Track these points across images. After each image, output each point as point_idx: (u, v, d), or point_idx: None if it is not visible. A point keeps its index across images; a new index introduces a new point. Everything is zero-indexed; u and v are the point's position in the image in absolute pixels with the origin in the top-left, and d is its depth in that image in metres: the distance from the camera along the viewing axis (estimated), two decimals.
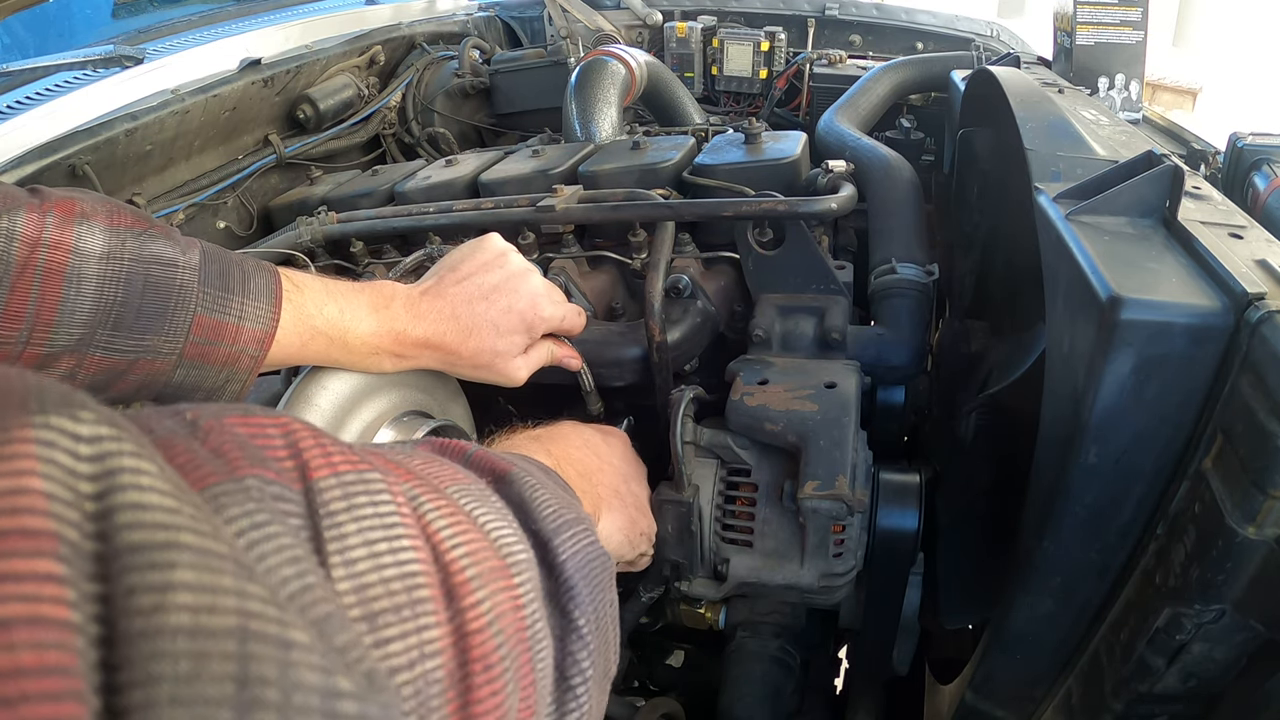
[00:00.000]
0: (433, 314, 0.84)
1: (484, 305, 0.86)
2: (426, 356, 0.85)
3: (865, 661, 1.27)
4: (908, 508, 1.00)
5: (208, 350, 0.72)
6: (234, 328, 0.72)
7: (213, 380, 0.74)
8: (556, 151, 1.44)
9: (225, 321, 0.72)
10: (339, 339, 0.79)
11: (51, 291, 0.64)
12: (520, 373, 0.91)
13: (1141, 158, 0.74)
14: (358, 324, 0.80)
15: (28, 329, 0.64)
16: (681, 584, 1.06)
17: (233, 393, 0.76)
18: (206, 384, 0.74)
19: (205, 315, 0.71)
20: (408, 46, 2.17)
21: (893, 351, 1.11)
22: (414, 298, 0.85)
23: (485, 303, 0.86)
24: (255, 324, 0.73)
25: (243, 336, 0.73)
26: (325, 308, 0.78)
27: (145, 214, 0.72)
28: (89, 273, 0.65)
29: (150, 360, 0.70)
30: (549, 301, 0.93)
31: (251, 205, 1.67)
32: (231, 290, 0.72)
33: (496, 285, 0.88)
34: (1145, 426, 0.64)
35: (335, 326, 0.78)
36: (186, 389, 0.73)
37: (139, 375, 0.70)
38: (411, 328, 0.83)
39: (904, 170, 1.33)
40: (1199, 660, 0.65)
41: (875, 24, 2.24)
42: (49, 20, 1.89)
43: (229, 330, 0.72)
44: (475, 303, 0.86)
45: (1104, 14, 1.36)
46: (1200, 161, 1.20)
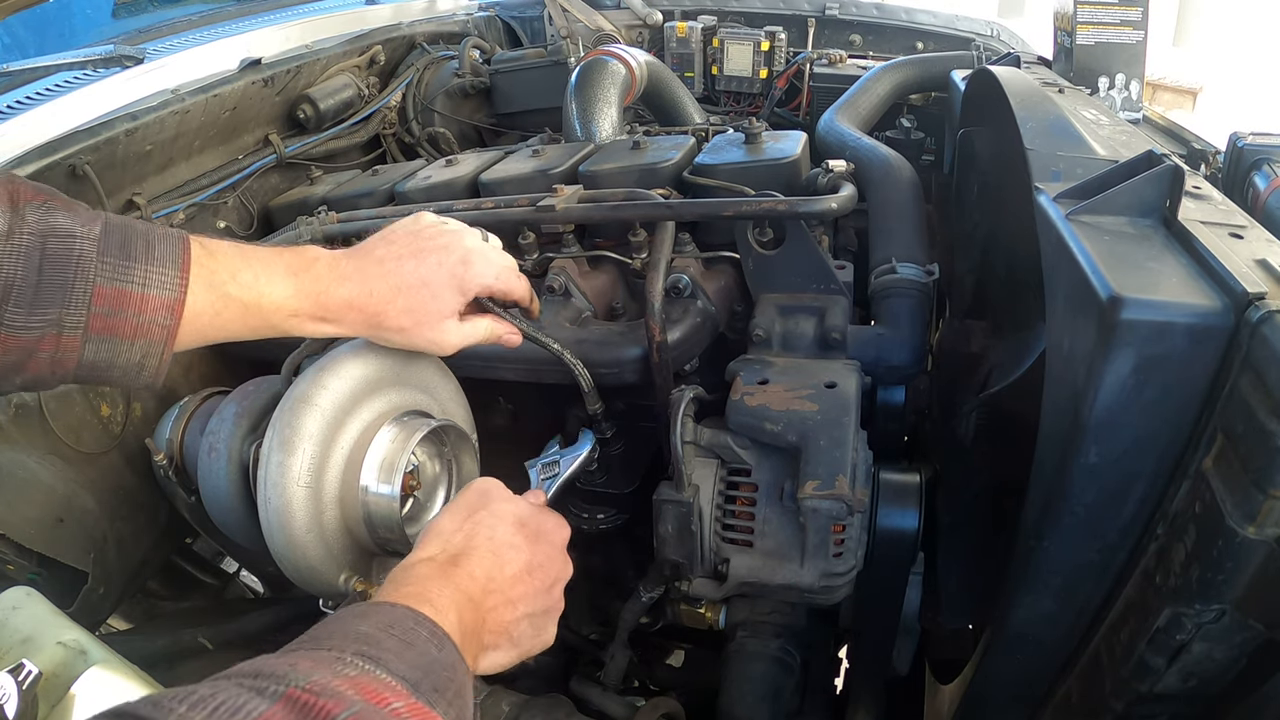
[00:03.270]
0: (357, 274, 0.81)
1: (413, 263, 0.83)
2: (351, 319, 0.82)
3: (865, 661, 1.27)
4: (908, 508, 1.00)
5: (113, 322, 0.70)
6: (138, 296, 0.70)
7: (127, 356, 0.71)
8: (556, 151, 1.44)
9: (128, 290, 0.70)
10: (254, 304, 0.76)
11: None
12: (450, 337, 0.87)
13: (1141, 158, 0.74)
14: (273, 288, 0.77)
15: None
16: (681, 584, 1.06)
17: (150, 369, 0.73)
18: (121, 360, 0.71)
19: (105, 285, 0.69)
20: (408, 46, 2.17)
21: (893, 351, 1.11)
22: (338, 259, 0.82)
23: (414, 260, 0.84)
24: (161, 290, 0.71)
25: (149, 305, 0.70)
26: (240, 273, 0.76)
27: (49, 188, 0.71)
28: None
29: (56, 335, 0.68)
30: (484, 259, 0.88)
31: (251, 205, 1.67)
32: (133, 258, 0.70)
33: (427, 243, 0.86)
34: (1145, 426, 0.64)
35: (250, 291, 0.76)
36: (101, 367, 0.71)
37: (48, 352, 0.68)
38: (334, 288, 0.80)
39: (904, 170, 1.33)
40: (1199, 660, 0.65)
41: (875, 24, 2.24)
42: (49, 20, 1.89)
43: (133, 299, 0.70)
44: (404, 260, 0.83)
45: (1104, 14, 1.36)
46: (1200, 161, 1.20)
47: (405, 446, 0.89)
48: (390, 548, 0.93)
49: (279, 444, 0.85)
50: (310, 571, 0.88)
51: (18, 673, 0.68)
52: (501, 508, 0.78)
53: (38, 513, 1.10)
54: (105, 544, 1.17)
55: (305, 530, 0.86)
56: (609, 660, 1.30)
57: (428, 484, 0.97)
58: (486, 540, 0.74)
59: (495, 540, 0.74)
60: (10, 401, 1.08)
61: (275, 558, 0.88)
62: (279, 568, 0.89)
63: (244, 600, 1.62)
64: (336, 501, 0.89)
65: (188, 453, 1.16)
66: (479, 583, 0.70)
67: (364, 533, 0.91)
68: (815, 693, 1.25)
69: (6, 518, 1.07)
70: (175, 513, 1.23)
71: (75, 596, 1.12)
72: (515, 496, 0.82)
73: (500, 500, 0.79)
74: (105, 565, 1.16)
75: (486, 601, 0.70)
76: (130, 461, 1.24)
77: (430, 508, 0.98)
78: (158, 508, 1.26)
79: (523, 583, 0.74)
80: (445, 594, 0.64)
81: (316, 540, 0.88)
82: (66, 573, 1.14)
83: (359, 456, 0.89)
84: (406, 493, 0.91)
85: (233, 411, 1.04)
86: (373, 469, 0.89)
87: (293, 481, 0.85)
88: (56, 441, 1.15)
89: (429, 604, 0.61)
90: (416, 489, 0.95)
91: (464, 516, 0.76)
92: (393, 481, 0.89)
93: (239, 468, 1.01)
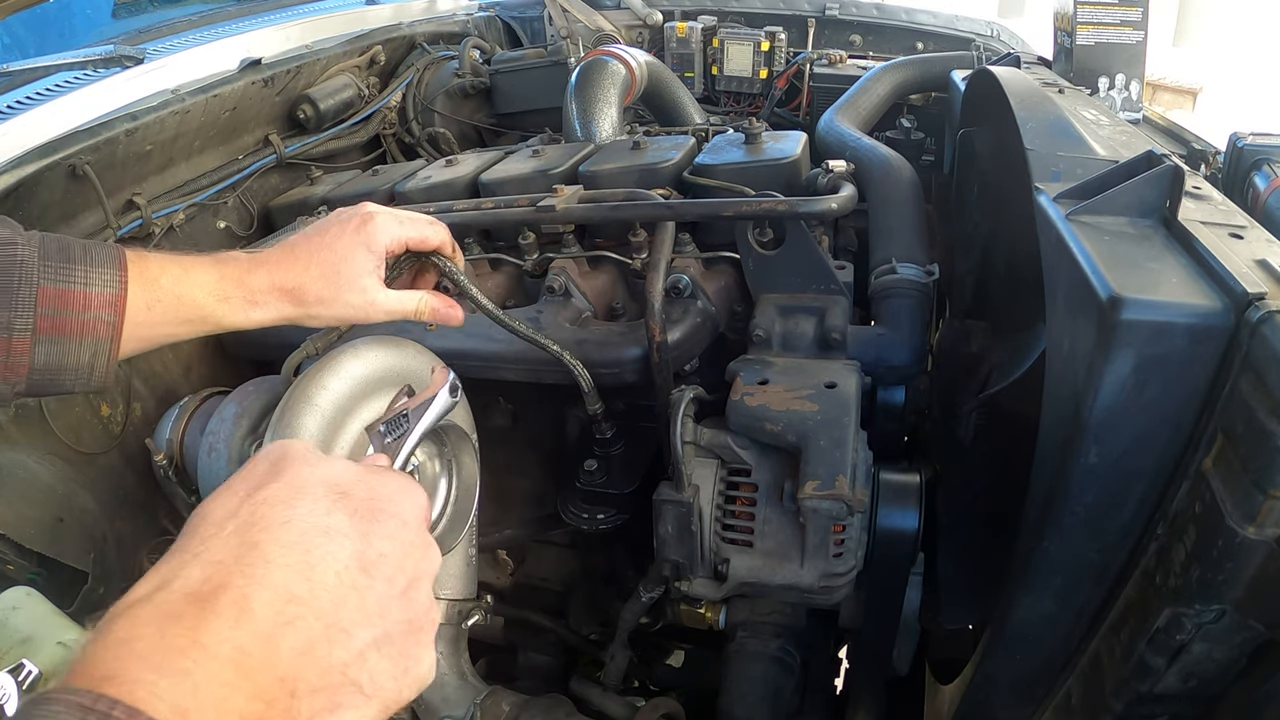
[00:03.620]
0: (271, 259, 0.86)
1: (318, 237, 0.88)
2: (275, 301, 0.86)
3: (865, 661, 1.27)
4: (908, 508, 1.00)
5: (60, 321, 0.73)
6: (81, 295, 0.74)
7: (77, 356, 0.75)
8: (556, 151, 1.44)
9: (70, 290, 0.73)
10: (186, 295, 0.80)
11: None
12: (376, 298, 0.88)
13: (1141, 158, 0.74)
14: (200, 276, 0.81)
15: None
16: (681, 584, 1.06)
17: (100, 369, 0.76)
18: (71, 362, 0.75)
19: (49, 286, 0.72)
20: (408, 46, 2.17)
21: (893, 351, 1.11)
22: (254, 251, 0.88)
23: (319, 235, 0.88)
24: (102, 288, 0.75)
25: (92, 302, 0.74)
26: (168, 267, 0.80)
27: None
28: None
29: (6, 339, 0.71)
30: (386, 214, 0.90)
31: (251, 205, 1.67)
32: (73, 260, 0.74)
33: (329, 220, 0.90)
34: (1145, 426, 0.64)
35: (179, 283, 0.80)
36: (53, 370, 0.74)
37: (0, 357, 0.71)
38: (253, 274, 0.84)
39: (904, 170, 1.33)
40: (1199, 660, 0.65)
41: (875, 24, 2.24)
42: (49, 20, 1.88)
43: (76, 298, 0.74)
44: (310, 238, 0.88)
45: (1104, 14, 1.36)
46: (1200, 161, 1.20)
47: None
48: None
49: None
50: None
51: (18, 673, 0.68)
52: (303, 474, 0.50)
53: (38, 513, 1.10)
54: (105, 544, 1.17)
55: None
56: (609, 660, 1.30)
57: (428, 484, 0.97)
58: (279, 529, 0.45)
59: (294, 526, 0.45)
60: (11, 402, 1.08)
61: None
62: None
63: None
64: None
65: (188, 453, 1.16)
66: (268, 614, 0.41)
67: None
68: (815, 693, 1.25)
69: (6, 518, 1.07)
70: (175, 513, 1.23)
71: (75, 596, 1.12)
72: (328, 457, 0.53)
73: (301, 464, 0.51)
74: (105, 565, 1.16)
75: (287, 642, 0.41)
76: (130, 461, 1.24)
77: (430, 508, 0.97)
78: (158, 508, 1.26)
79: (355, 590, 0.45)
80: (174, 661, 0.38)
81: None
82: (66, 573, 1.14)
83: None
84: None
85: (233, 411, 1.04)
86: None
87: None
88: (56, 441, 1.15)
89: (123, 685, 0.36)
90: None
91: (241, 499, 0.48)
92: None
93: (239, 467, 1.01)
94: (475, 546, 1.09)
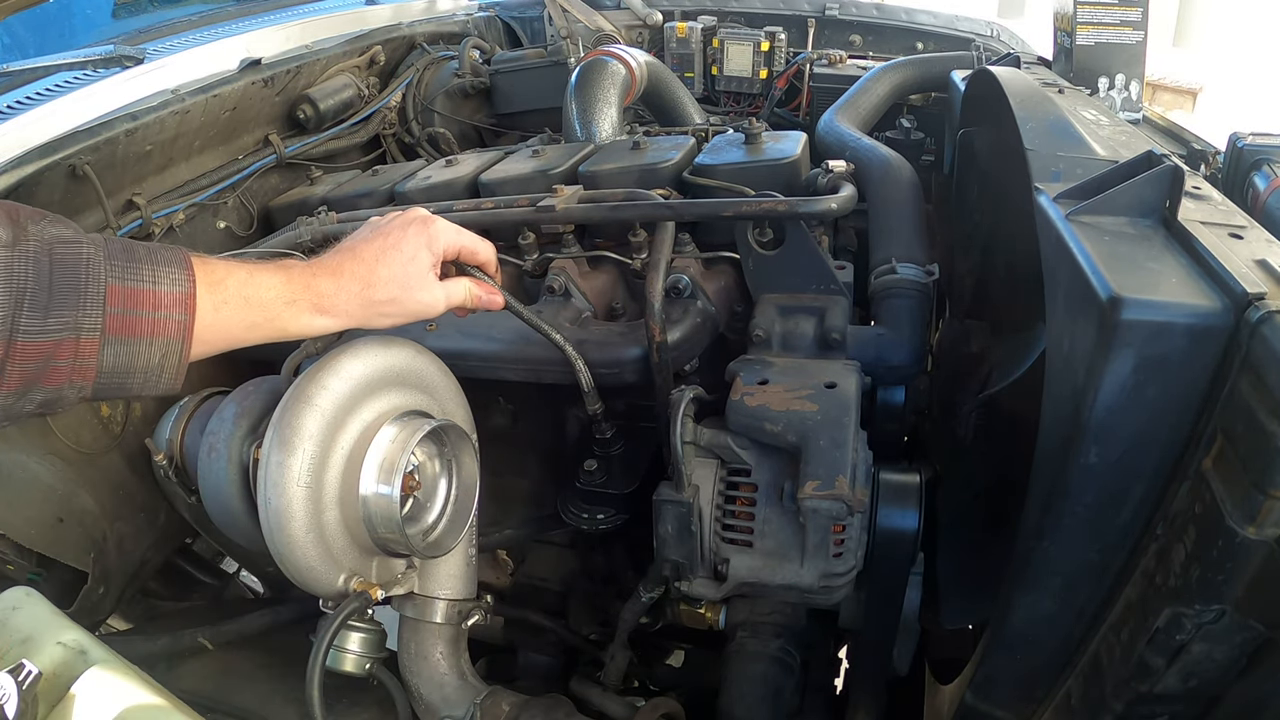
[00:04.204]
0: (334, 264, 0.86)
1: (379, 238, 0.89)
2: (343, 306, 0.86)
3: (865, 661, 1.27)
4: (908, 508, 1.00)
5: (130, 320, 0.71)
6: (150, 293, 0.72)
7: (146, 357, 0.72)
8: (556, 151, 1.44)
9: (140, 288, 0.71)
10: (254, 298, 0.79)
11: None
12: (438, 294, 0.90)
13: (1141, 158, 0.74)
14: (266, 279, 0.81)
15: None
16: (681, 584, 1.06)
17: (170, 370, 0.74)
18: (140, 363, 0.72)
19: (117, 284, 0.70)
20: (408, 46, 2.17)
21: (893, 351, 1.11)
22: (315, 258, 0.88)
23: (380, 236, 0.89)
24: (172, 286, 0.73)
25: (163, 301, 0.72)
26: (234, 270, 0.79)
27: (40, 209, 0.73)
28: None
29: (74, 340, 0.68)
30: (442, 220, 0.94)
31: (251, 205, 1.67)
32: (139, 260, 0.72)
33: (384, 222, 0.92)
34: (1145, 426, 0.64)
35: (246, 286, 0.79)
36: (121, 372, 0.72)
37: (66, 360, 0.68)
38: (320, 276, 0.84)
39: (904, 170, 1.33)
40: (1199, 660, 0.65)
41: (875, 24, 2.24)
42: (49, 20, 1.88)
43: (146, 296, 0.72)
44: (370, 240, 0.89)
45: (1104, 14, 1.36)
46: (1200, 161, 1.20)
47: (405, 446, 0.89)
48: (390, 548, 0.93)
49: (279, 444, 0.85)
50: (310, 571, 0.88)
51: (18, 673, 0.68)
52: None
53: (38, 513, 1.10)
54: (105, 544, 1.17)
55: (305, 530, 0.86)
56: (609, 660, 1.30)
57: (428, 484, 0.97)
58: None
59: None
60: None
61: (275, 558, 0.88)
62: (279, 568, 0.89)
63: (244, 600, 1.62)
64: (336, 502, 0.89)
65: (188, 453, 1.16)
66: None
67: (364, 533, 0.91)
68: (815, 693, 1.25)
69: (6, 518, 1.07)
70: (175, 513, 1.23)
71: (75, 596, 1.13)
72: None
73: None
74: (105, 565, 1.17)
75: None
76: (130, 461, 1.24)
77: (430, 508, 0.98)
78: (158, 508, 1.26)
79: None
80: None
81: (316, 540, 0.88)
82: (66, 573, 1.14)
83: (359, 456, 0.89)
84: (406, 493, 0.91)
85: (233, 411, 1.04)
86: (373, 469, 0.89)
87: (292, 481, 0.85)
88: (56, 441, 1.15)
89: None
90: (416, 489, 0.95)
91: None
92: (393, 482, 0.88)
93: (239, 468, 1.01)
94: (475, 546, 1.09)
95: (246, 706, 1.10)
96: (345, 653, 0.99)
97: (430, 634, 1.04)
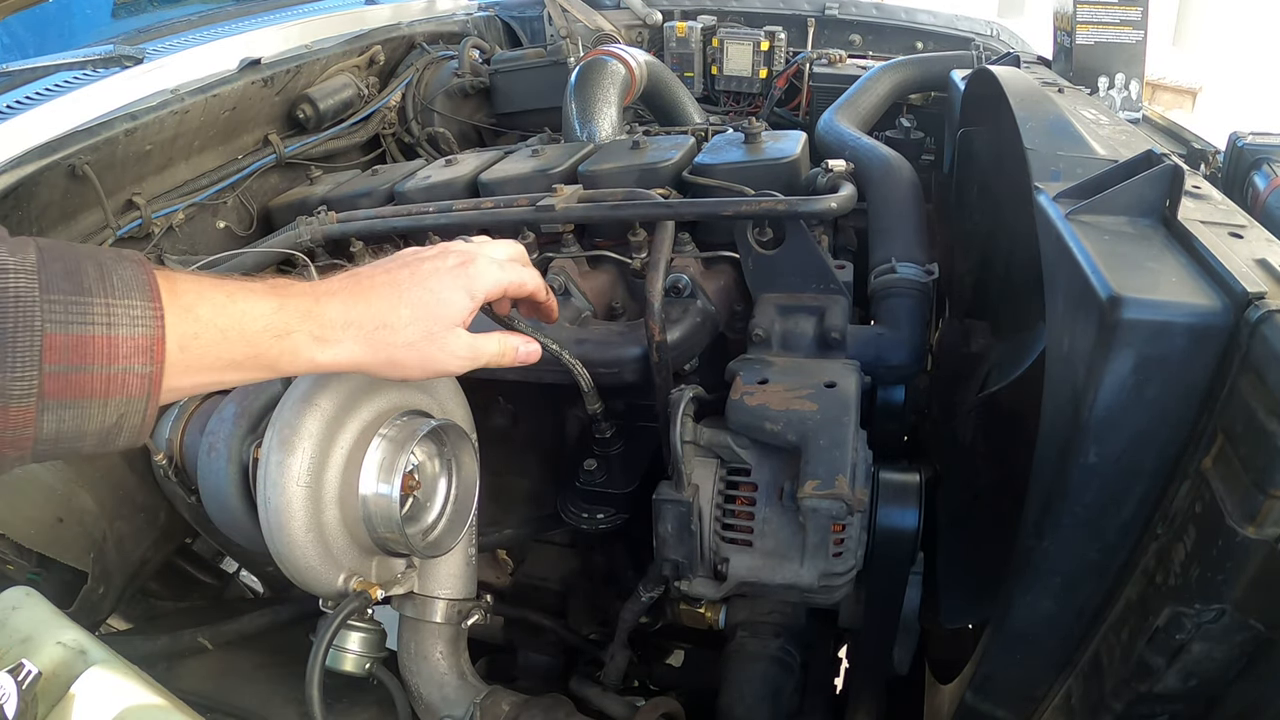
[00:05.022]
0: (347, 290, 0.70)
1: (408, 271, 0.73)
2: (350, 339, 0.69)
3: (865, 661, 1.27)
4: (908, 507, 1.00)
5: (76, 380, 0.53)
6: (104, 340, 0.54)
7: (100, 420, 0.55)
8: (556, 151, 1.44)
9: (88, 334, 0.53)
10: (234, 330, 0.61)
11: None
12: (462, 349, 0.76)
13: (1141, 157, 0.74)
14: (251, 305, 0.63)
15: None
16: (681, 584, 1.06)
17: (132, 429, 0.58)
18: (93, 427, 0.56)
19: (58, 331, 0.52)
20: (408, 46, 2.17)
21: (892, 351, 1.11)
22: (321, 280, 0.72)
23: (409, 269, 0.74)
24: (133, 328, 0.55)
25: (119, 351, 0.54)
26: (207, 293, 0.61)
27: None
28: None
29: (1, 408, 0.51)
30: (485, 257, 0.77)
31: (251, 205, 1.67)
32: (87, 290, 0.54)
33: (418, 253, 0.77)
34: (1145, 426, 0.64)
35: (223, 313, 0.61)
36: (67, 439, 0.55)
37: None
38: (323, 305, 0.68)
39: (904, 170, 1.33)
40: (1199, 660, 0.65)
41: (875, 24, 2.24)
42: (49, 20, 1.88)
43: (97, 345, 0.53)
44: (397, 270, 0.73)
45: (1104, 14, 1.36)
46: (1200, 161, 1.20)
47: (405, 446, 0.89)
48: (390, 548, 0.93)
49: (279, 443, 0.85)
50: (310, 571, 0.88)
51: (17, 673, 0.68)
52: None
53: (37, 513, 1.10)
54: (105, 544, 1.17)
55: (305, 530, 0.86)
56: (609, 660, 1.30)
57: (428, 484, 0.97)
58: None
59: None
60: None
61: (275, 558, 0.88)
62: (279, 568, 0.89)
63: (244, 600, 1.62)
64: (336, 501, 0.89)
65: (187, 453, 1.16)
66: None
67: (364, 533, 0.91)
68: (815, 693, 1.25)
69: (6, 518, 1.07)
70: (175, 513, 1.23)
71: (75, 596, 1.13)
72: None
73: None
74: (105, 565, 1.16)
75: None
76: (130, 461, 1.24)
77: (430, 508, 0.98)
78: (158, 508, 1.26)
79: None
80: None
81: (316, 540, 0.88)
82: (66, 573, 1.14)
83: (359, 456, 0.89)
84: (406, 493, 0.91)
85: (233, 411, 1.04)
86: (372, 469, 0.89)
87: (292, 481, 0.85)
88: None
89: None
90: (416, 489, 0.95)
91: None
92: (392, 481, 0.88)
93: (239, 468, 1.01)
94: (475, 546, 1.09)
95: (246, 706, 1.10)
96: (345, 652, 0.99)
97: (430, 634, 1.04)
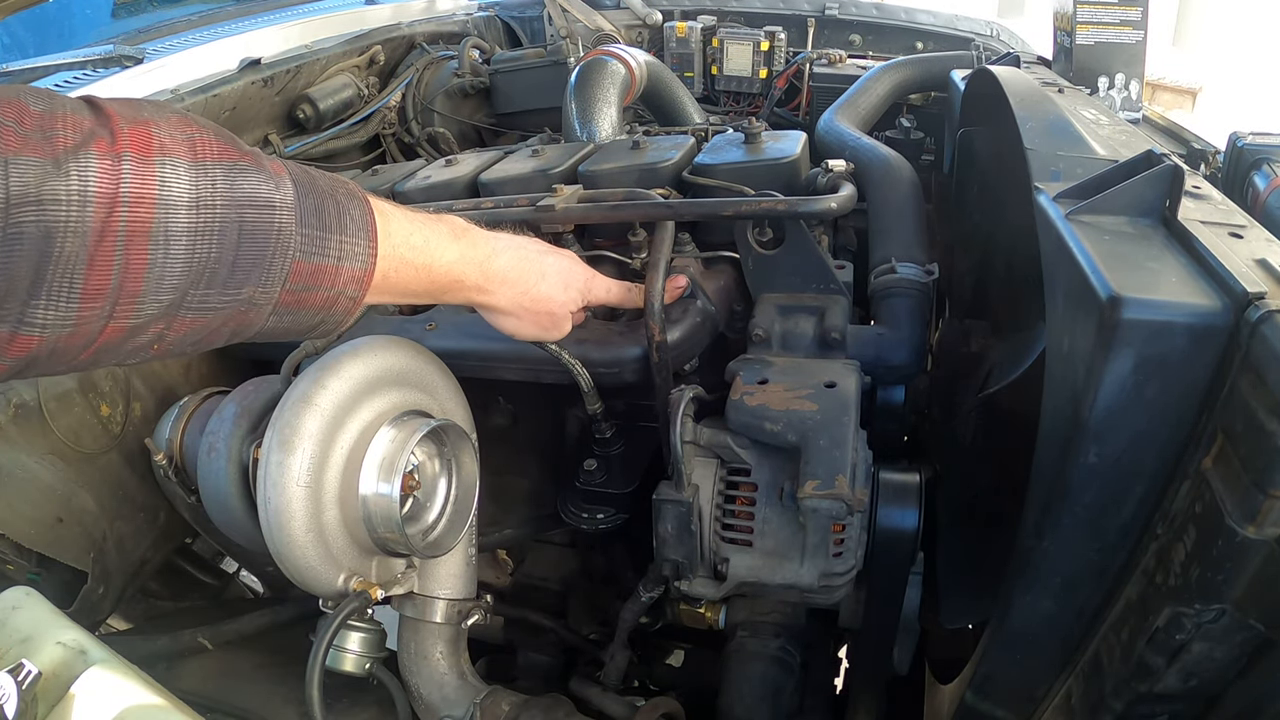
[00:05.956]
0: (509, 250, 0.85)
1: (553, 258, 0.92)
2: (505, 292, 0.85)
3: (865, 661, 1.27)
4: (908, 507, 1.00)
5: (303, 296, 0.65)
6: (332, 269, 0.66)
7: (306, 323, 0.68)
8: (556, 151, 1.44)
9: (324, 264, 0.65)
10: (425, 268, 0.76)
11: (137, 258, 0.54)
12: (565, 325, 0.98)
13: (1141, 157, 0.74)
14: (442, 252, 0.77)
15: (110, 304, 0.54)
16: (681, 584, 1.06)
17: (325, 333, 0.72)
18: (298, 327, 0.68)
19: (304, 260, 0.64)
20: (408, 46, 2.17)
21: (892, 351, 1.11)
22: (489, 233, 0.85)
23: (553, 254, 0.92)
24: (354, 263, 0.68)
25: (341, 278, 0.67)
26: (411, 236, 0.74)
27: (226, 134, 0.62)
28: (177, 228, 0.55)
29: (243, 311, 0.62)
30: (600, 277, 1.01)
31: None
32: (328, 228, 0.66)
33: (561, 252, 0.95)
34: (1145, 426, 0.64)
35: (421, 254, 0.75)
36: (274, 334, 0.67)
37: (229, 329, 0.64)
38: (494, 258, 0.83)
39: (904, 170, 1.33)
40: (1199, 660, 0.65)
41: (875, 24, 2.24)
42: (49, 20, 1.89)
43: (327, 273, 0.66)
44: (545, 255, 0.91)
45: (1104, 14, 1.36)
46: (1200, 161, 1.20)
47: (405, 446, 0.89)
48: (390, 548, 0.93)
49: (279, 444, 0.85)
50: (310, 571, 0.88)
51: (17, 673, 0.68)
52: None
53: (38, 513, 1.10)
54: (105, 544, 1.17)
55: (305, 530, 0.86)
56: (609, 660, 1.30)
57: (428, 484, 0.97)
58: None
59: None
60: (10, 401, 1.08)
61: (275, 558, 0.88)
62: (279, 568, 0.89)
63: (244, 600, 1.62)
64: (336, 501, 0.89)
65: (187, 453, 1.16)
66: None
67: (364, 533, 0.91)
68: (815, 693, 1.25)
69: (6, 518, 1.07)
70: (175, 513, 1.23)
71: (75, 596, 1.12)
72: None
73: None
74: (105, 565, 1.16)
75: None
76: (130, 461, 1.24)
77: (430, 508, 0.98)
78: (158, 508, 1.26)
79: None
80: None
81: (316, 540, 0.88)
82: (66, 573, 1.14)
83: (359, 456, 0.89)
84: (406, 493, 0.91)
85: (233, 411, 1.04)
86: (372, 469, 0.89)
87: (292, 481, 0.85)
88: (56, 441, 1.15)
89: None
90: (416, 489, 0.95)
91: None
92: (392, 481, 0.89)
93: (239, 468, 1.01)
94: (475, 546, 1.09)
95: (246, 706, 1.10)
96: (345, 652, 0.99)
97: (430, 634, 1.04)
